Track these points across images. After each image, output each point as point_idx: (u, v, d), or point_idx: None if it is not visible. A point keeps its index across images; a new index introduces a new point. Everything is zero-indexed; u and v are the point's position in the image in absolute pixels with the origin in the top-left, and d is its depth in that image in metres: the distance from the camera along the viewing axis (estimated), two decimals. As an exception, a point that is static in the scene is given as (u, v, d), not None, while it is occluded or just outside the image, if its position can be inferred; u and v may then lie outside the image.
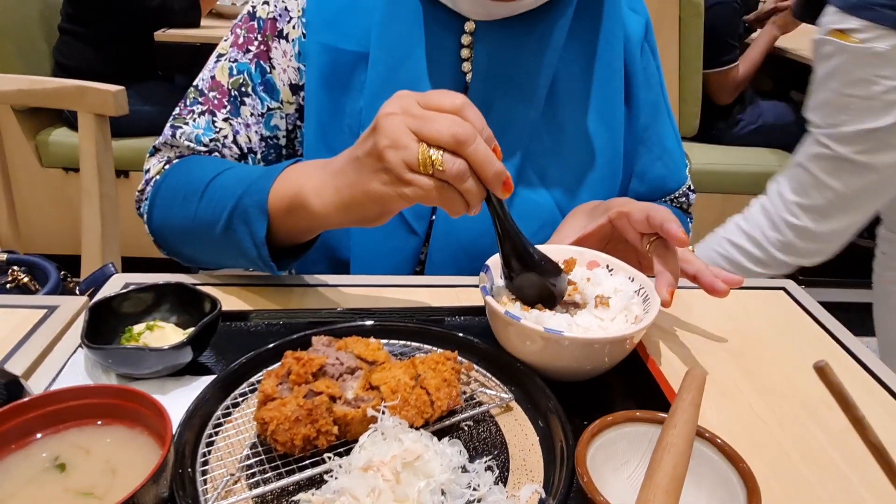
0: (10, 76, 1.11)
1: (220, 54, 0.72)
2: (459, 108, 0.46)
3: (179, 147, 0.70)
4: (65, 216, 2.17)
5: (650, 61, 0.77)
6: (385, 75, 0.67)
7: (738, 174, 2.28)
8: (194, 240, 0.64)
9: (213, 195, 0.59)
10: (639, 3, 0.77)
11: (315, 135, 0.69)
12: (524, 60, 0.69)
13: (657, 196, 0.81)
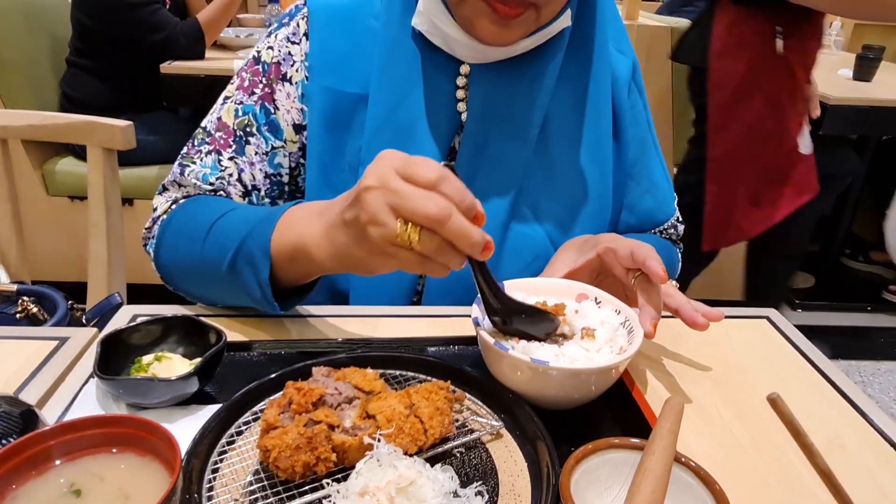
0: (22, 112, 1.15)
1: (227, 97, 0.76)
2: (436, 184, 0.46)
3: (187, 186, 0.73)
4: (70, 244, 2.20)
5: (637, 100, 0.80)
6: (384, 116, 0.71)
7: (732, 200, 2.30)
8: (200, 279, 0.67)
9: (217, 236, 0.62)
10: (626, 45, 0.81)
11: (317, 172, 0.73)
12: (517, 101, 0.72)
13: (647, 227, 0.84)
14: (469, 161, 0.72)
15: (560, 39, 0.72)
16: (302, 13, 0.75)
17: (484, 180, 0.72)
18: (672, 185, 0.86)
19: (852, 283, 2.79)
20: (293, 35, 0.75)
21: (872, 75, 2.38)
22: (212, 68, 2.00)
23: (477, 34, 0.66)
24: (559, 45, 0.72)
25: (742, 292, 2.39)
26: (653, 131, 0.83)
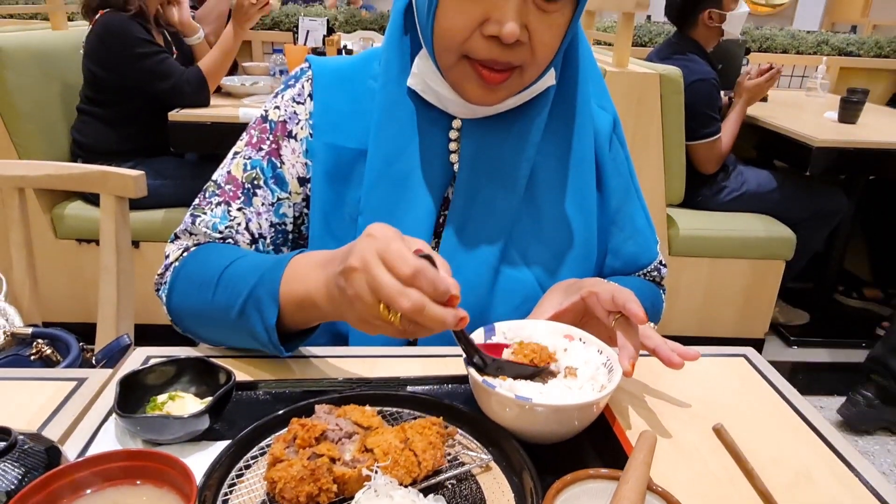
0: (39, 163, 1.21)
1: (236, 152, 0.82)
2: (411, 279, 0.51)
3: (198, 234, 0.79)
4: (76, 286, 2.25)
5: (619, 152, 0.86)
6: (381, 169, 0.76)
7: (724, 239, 2.37)
8: (210, 323, 0.71)
9: (227, 283, 0.67)
10: (607, 101, 0.87)
11: (319, 222, 0.78)
12: (506, 153, 0.77)
13: (631, 270, 0.89)
14: (461, 209, 0.78)
15: (545, 96, 0.78)
16: (307, 75, 0.82)
17: (475, 227, 0.78)
18: (654, 231, 0.91)
19: (846, 320, 2.82)
20: (298, 96, 0.81)
21: (857, 118, 2.46)
22: (218, 115, 2.08)
23: (466, 96, 0.72)
24: (545, 101, 0.78)
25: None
26: (635, 180, 0.89)
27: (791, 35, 3.46)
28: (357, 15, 3.41)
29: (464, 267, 0.76)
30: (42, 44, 2.17)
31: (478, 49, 0.67)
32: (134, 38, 2.04)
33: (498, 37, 0.65)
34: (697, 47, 2.40)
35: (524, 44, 0.67)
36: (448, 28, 0.67)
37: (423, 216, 0.77)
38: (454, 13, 0.66)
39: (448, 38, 0.68)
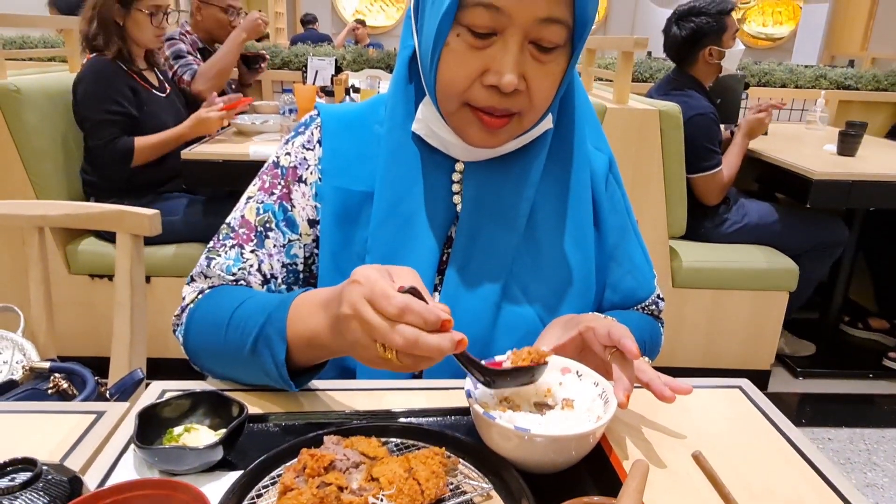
0: (58, 203, 1.26)
1: (249, 196, 0.86)
2: (398, 317, 0.54)
3: (212, 276, 0.82)
4: (88, 320, 2.29)
5: (615, 191, 0.90)
6: (387, 210, 0.80)
7: (727, 270, 2.39)
8: (224, 362, 0.75)
9: (238, 323, 0.71)
10: (603, 142, 0.91)
11: (329, 261, 0.82)
12: (506, 194, 0.81)
13: (629, 304, 0.91)
14: (464, 247, 0.81)
15: (544, 139, 0.82)
16: (316, 123, 0.86)
17: (477, 265, 0.81)
18: (651, 266, 0.94)
19: (853, 351, 2.82)
20: (308, 142, 0.85)
21: (856, 150, 2.50)
22: (229, 153, 2.13)
23: (468, 140, 0.76)
24: (543, 144, 0.82)
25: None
26: (632, 217, 0.92)
27: (789, 70, 3.53)
28: (364, 54, 3.50)
29: (466, 303, 0.80)
30: (59, 85, 2.25)
31: (478, 98, 0.72)
32: (99, 86, 2.11)
33: (497, 86, 0.69)
34: (696, 83, 2.46)
35: (522, 92, 0.71)
36: (450, 78, 0.72)
37: (427, 254, 0.80)
38: (456, 64, 0.71)
39: (450, 87, 0.72)
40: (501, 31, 0.69)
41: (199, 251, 2.26)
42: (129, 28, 2.16)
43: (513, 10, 0.67)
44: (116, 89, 2.13)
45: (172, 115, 2.33)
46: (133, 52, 2.21)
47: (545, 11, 0.67)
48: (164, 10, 2.20)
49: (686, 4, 2.42)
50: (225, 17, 2.67)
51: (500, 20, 0.68)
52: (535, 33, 0.69)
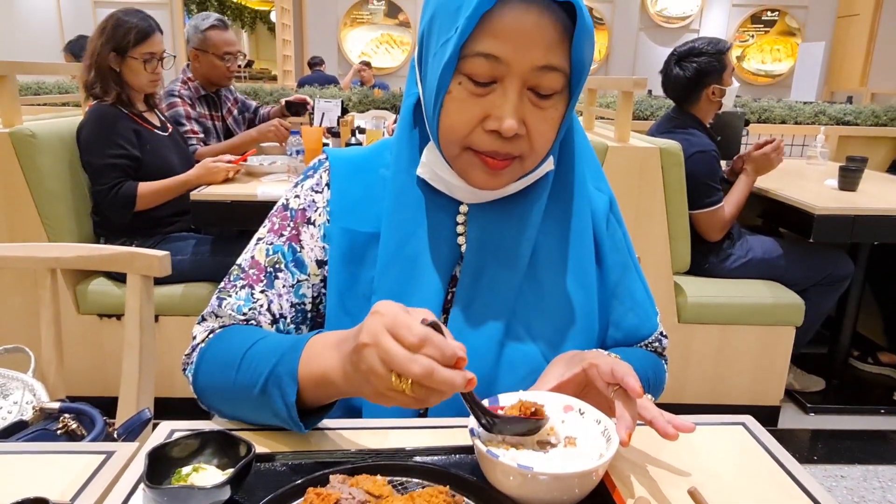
0: (71, 245, 1.28)
1: (259, 238, 0.88)
2: (418, 346, 0.56)
3: (223, 316, 0.84)
4: (96, 360, 2.30)
5: (616, 230, 0.91)
6: (393, 251, 0.82)
7: (732, 306, 2.39)
8: (233, 401, 0.76)
9: (249, 364, 0.72)
10: (603, 183, 0.93)
11: (336, 301, 0.84)
12: (509, 234, 0.83)
13: (632, 342, 0.92)
14: (468, 287, 0.83)
15: (545, 181, 0.84)
16: (324, 166, 0.89)
17: (481, 304, 0.82)
18: (654, 303, 0.95)
19: (863, 386, 2.80)
20: (317, 185, 0.88)
21: (856, 185, 2.52)
22: (237, 194, 2.18)
23: (471, 182, 0.78)
24: (544, 185, 0.84)
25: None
26: (633, 255, 0.94)
27: (788, 106, 3.58)
28: (370, 95, 3.58)
29: (471, 341, 0.80)
30: (72, 129, 2.30)
31: (480, 142, 0.74)
32: (100, 131, 2.17)
33: (498, 131, 0.72)
34: (697, 122, 2.50)
35: (522, 136, 0.74)
36: (452, 124, 0.74)
37: (432, 294, 0.82)
38: (458, 111, 0.73)
39: (452, 132, 0.75)
40: (501, 79, 0.72)
41: (207, 290, 2.30)
42: (125, 74, 2.23)
43: (511, 60, 0.70)
44: (118, 133, 2.18)
45: (176, 153, 2.38)
46: (132, 97, 2.27)
47: (542, 60, 0.70)
48: (159, 56, 2.27)
49: (684, 46, 2.47)
50: (222, 63, 2.71)
51: (499, 69, 0.71)
52: (533, 80, 0.72)
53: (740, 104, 3.57)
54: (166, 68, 2.34)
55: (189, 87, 2.73)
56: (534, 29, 0.69)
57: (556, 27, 0.70)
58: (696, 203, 2.34)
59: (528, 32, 0.69)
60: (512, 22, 0.69)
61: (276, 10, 7.70)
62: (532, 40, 0.70)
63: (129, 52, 2.21)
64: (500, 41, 0.69)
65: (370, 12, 8.72)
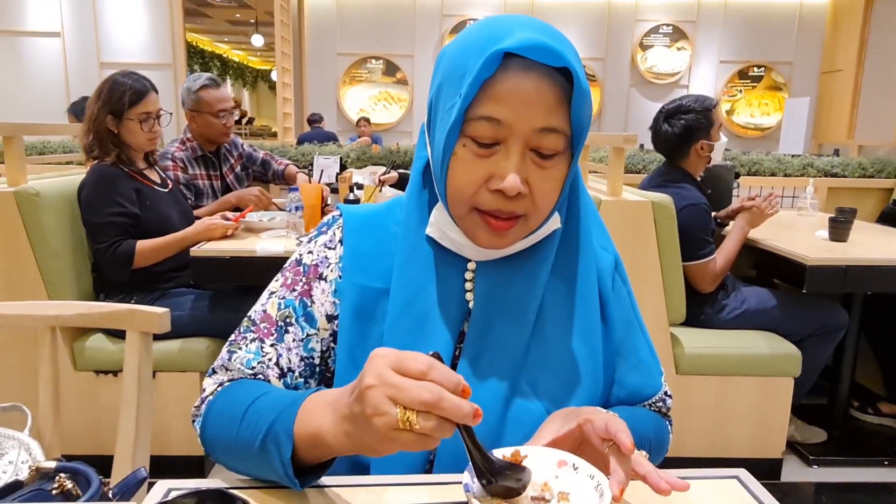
0: (71, 303, 1.30)
1: (272, 291, 0.90)
2: (426, 373, 0.57)
3: (232, 370, 0.86)
4: (92, 417, 2.29)
5: (621, 288, 0.93)
6: (403, 307, 0.84)
7: (729, 357, 2.39)
8: (236, 455, 0.77)
9: (250, 419, 0.73)
10: (608, 242, 0.94)
11: (345, 356, 0.85)
12: (516, 291, 0.85)
13: (636, 401, 0.92)
14: (475, 342, 0.84)
15: (552, 239, 0.86)
16: (338, 223, 0.92)
17: (488, 359, 0.83)
18: (658, 362, 0.95)
19: (865, 437, 2.77)
20: (330, 242, 0.91)
21: (846, 236, 2.56)
22: (237, 250, 2.20)
23: (477, 242, 0.81)
24: (551, 243, 0.86)
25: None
26: (638, 314, 0.94)
27: (777, 159, 3.66)
28: (367, 151, 3.66)
29: (477, 396, 0.79)
30: (74, 187, 2.34)
31: (485, 202, 0.77)
32: (100, 190, 2.21)
33: (502, 190, 0.75)
34: (688, 176, 2.56)
35: (526, 195, 0.76)
36: (458, 184, 0.77)
37: (441, 349, 0.82)
38: (463, 172, 0.77)
39: (459, 192, 0.78)
40: (504, 140, 0.75)
41: (205, 346, 2.31)
42: (123, 135, 2.29)
43: (512, 122, 0.74)
44: (118, 192, 2.23)
45: (176, 208, 2.42)
46: (131, 155, 2.33)
47: (542, 122, 0.74)
48: (155, 115, 2.33)
49: (672, 103, 2.55)
50: (218, 121, 2.76)
51: (502, 131, 0.74)
52: (534, 142, 0.75)
53: (729, 157, 3.66)
54: (163, 126, 2.40)
55: (187, 147, 2.78)
56: (533, 93, 0.73)
57: (555, 91, 0.74)
58: (688, 255, 2.38)
59: (527, 97, 0.73)
60: (512, 87, 0.73)
61: (276, 70, 7.91)
62: (532, 104, 0.73)
63: (126, 113, 2.27)
64: (502, 105, 0.73)
65: (369, 71, 8.96)
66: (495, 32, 0.74)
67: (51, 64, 7.41)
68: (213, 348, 2.32)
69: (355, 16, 8.81)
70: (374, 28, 8.82)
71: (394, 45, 8.86)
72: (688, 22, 8.84)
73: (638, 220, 2.25)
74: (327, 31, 8.81)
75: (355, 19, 8.81)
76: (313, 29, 8.79)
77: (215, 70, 10.56)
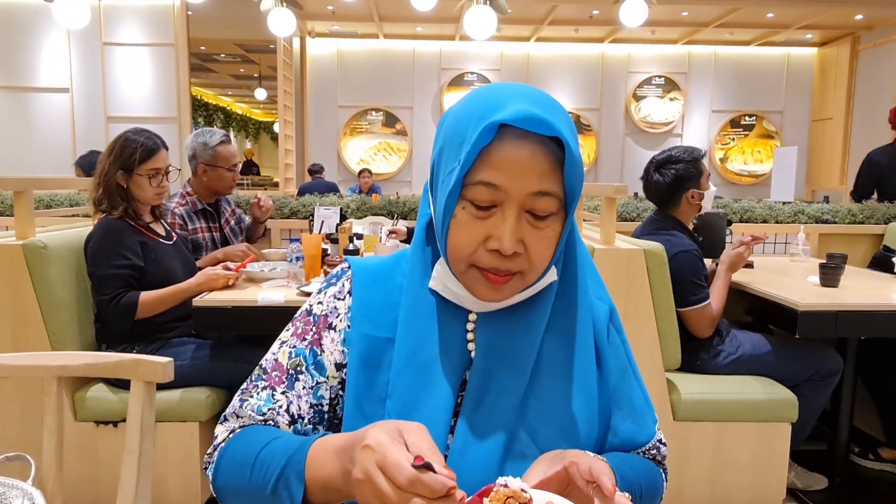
0: (78, 353, 1.34)
1: (283, 341, 0.94)
2: (407, 487, 0.61)
3: (244, 417, 0.89)
4: (91, 468, 2.29)
5: (616, 337, 0.96)
6: (407, 357, 0.87)
7: (726, 402, 2.41)
8: (247, 499, 0.79)
9: (261, 464, 0.77)
10: (603, 292, 0.98)
11: (352, 404, 0.88)
12: (515, 341, 0.88)
13: (629, 449, 0.94)
14: (476, 391, 0.87)
15: (550, 291, 0.90)
16: (347, 275, 0.96)
17: (489, 407, 0.86)
18: (653, 410, 0.97)
19: (866, 484, 2.75)
20: (339, 293, 0.95)
21: (837, 282, 2.60)
22: (238, 300, 2.24)
23: (477, 296, 0.85)
24: (548, 296, 0.90)
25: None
26: (632, 361, 0.97)
27: (769, 207, 3.73)
28: (368, 202, 3.73)
29: (477, 445, 0.84)
30: (80, 239, 2.39)
31: (482, 260, 0.82)
32: (106, 243, 2.28)
33: (499, 250, 0.80)
34: (679, 224, 2.62)
35: (521, 254, 0.81)
36: (457, 244, 0.82)
37: (443, 399, 0.86)
38: (462, 233, 0.82)
39: (458, 251, 0.83)
40: (500, 203, 0.80)
41: (205, 395, 2.33)
42: (131, 189, 2.38)
43: (508, 187, 0.79)
44: (123, 244, 2.29)
45: (180, 261, 2.48)
46: (138, 209, 2.40)
47: (536, 187, 0.79)
48: (164, 171, 2.42)
49: (662, 154, 2.64)
50: (230, 174, 2.88)
51: (498, 195, 0.80)
52: (529, 204, 0.80)
53: (721, 205, 3.73)
54: (171, 181, 2.48)
55: (187, 201, 2.85)
56: (527, 160, 0.79)
57: (548, 158, 0.79)
58: (683, 301, 2.42)
59: (522, 163, 0.79)
60: (508, 155, 0.79)
61: (279, 122, 8.10)
62: (526, 170, 0.79)
63: (136, 169, 2.36)
64: (498, 171, 0.79)
65: (369, 122, 9.17)
66: (492, 103, 0.80)
67: (59, 118, 7.60)
68: (213, 398, 2.34)
69: (356, 69, 9.07)
70: (374, 81, 9.07)
71: (393, 97, 9.10)
72: (679, 73, 9.10)
73: (631, 268, 2.30)
74: (329, 84, 9.06)
75: (356, 73, 9.08)
76: (315, 82, 9.04)
77: (219, 122, 10.79)
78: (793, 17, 7.80)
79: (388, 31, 8.71)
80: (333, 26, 8.55)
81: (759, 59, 9.08)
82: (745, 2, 7.19)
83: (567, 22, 8.15)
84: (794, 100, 9.09)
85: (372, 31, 8.69)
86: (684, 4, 7.29)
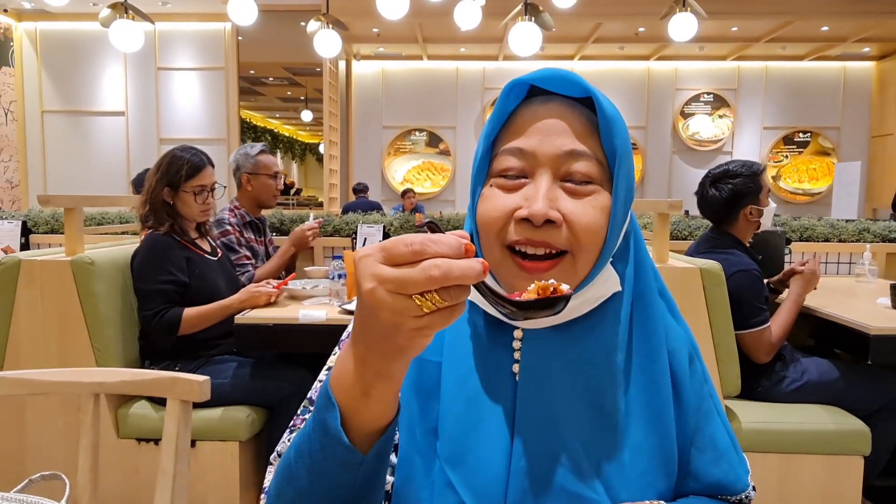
0: (115, 370, 1.31)
1: (329, 367, 0.86)
2: (422, 252, 0.51)
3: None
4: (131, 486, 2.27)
5: (697, 368, 0.82)
6: (455, 388, 0.77)
7: (791, 433, 2.25)
8: (300, 493, 0.67)
9: (296, 444, 0.67)
10: (678, 315, 0.84)
11: (406, 433, 0.77)
12: (566, 363, 0.75)
13: (716, 494, 0.81)
14: (525, 422, 0.75)
15: (611, 305, 0.76)
16: None
17: (546, 443, 0.74)
18: (743, 457, 0.84)
19: None
20: None
21: (911, 303, 2.42)
22: (280, 317, 2.21)
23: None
24: (614, 308, 0.76)
25: None
26: (716, 399, 0.83)
27: (831, 225, 3.54)
28: (411, 220, 3.69)
29: (536, 484, 0.73)
30: (127, 256, 2.41)
31: (514, 233, 0.71)
32: (152, 259, 2.29)
33: (529, 218, 0.70)
34: (737, 241, 2.48)
35: (559, 225, 0.70)
36: (486, 219, 0.73)
37: (497, 433, 0.75)
38: (492, 206, 0.73)
39: (488, 228, 0.73)
40: (531, 172, 0.73)
41: (245, 414, 2.30)
42: (178, 206, 2.40)
43: (536, 150, 0.72)
44: (169, 260, 2.29)
45: (223, 277, 2.48)
46: (184, 226, 2.42)
47: (567, 146, 0.72)
48: (210, 188, 2.44)
49: (719, 168, 2.51)
50: (273, 182, 2.90)
51: (528, 160, 0.73)
52: (563, 168, 0.72)
53: (780, 223, 3.56)
54: (217, 198, 2.49)
55: (236, 214, 2.87)
56: (555, 120, 0.73)
57: (580, 119, 0.73)
58: (740, 324, 2.28)
59: (550, 124, 0.73)
60: (534, 116, 0.74)
61: (324, 142, 8.20)
62: (554, 130, 0.72)
63: (182, 186, 2.38)
64: (525, 136, 0.73)
65: (412, 142, 9.22)
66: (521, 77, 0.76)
67: (115, 140, 7.89)
68: (253, 417, 2.30)
69: (400, 90, 9.16)
70: (418, 101, 9.14)
71: (437, 117, 9.13)
72: (729, 90, 8.88)
73: (686, 288, 2.19)
74: (373, 105, 9.16)
75: (400, 93, 9.16)
76: (360, 103, 9.15)
77: (267, 143, 11.00)
78: (848, 31, 7.53)
79: (432, 52, 8.77)
80: (378, 48, 8.66)
81: (814, 74, 8.79)
82: (798, 16, 6.98)
83: (612, 39, 8.05)
84: (852, 115, 8.75)
85: (416, 53, 8.76)
86: (734, 19, 7.13)
